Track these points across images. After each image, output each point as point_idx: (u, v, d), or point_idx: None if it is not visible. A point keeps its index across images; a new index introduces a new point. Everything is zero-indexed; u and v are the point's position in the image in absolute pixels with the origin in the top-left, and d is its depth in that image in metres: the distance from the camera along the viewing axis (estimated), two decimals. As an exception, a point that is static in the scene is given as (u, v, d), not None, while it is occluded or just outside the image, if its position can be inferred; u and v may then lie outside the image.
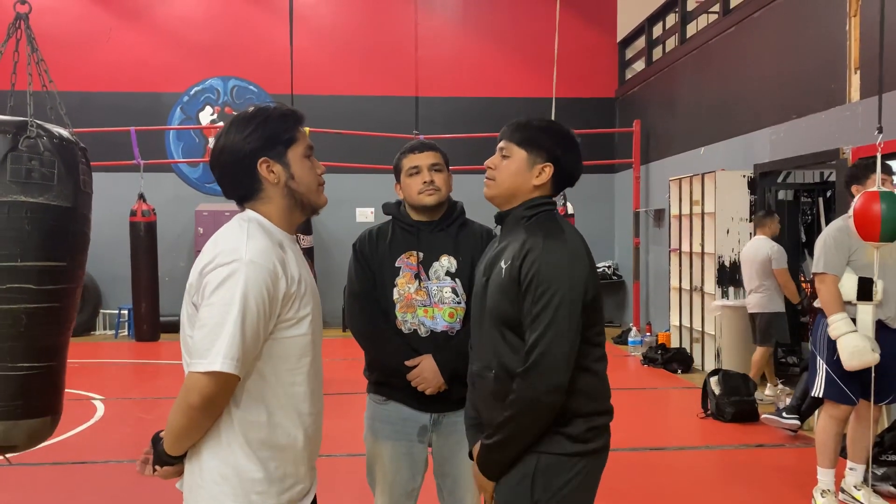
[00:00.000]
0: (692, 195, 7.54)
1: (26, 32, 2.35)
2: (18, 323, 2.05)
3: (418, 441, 2.38)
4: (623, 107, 10.76)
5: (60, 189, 2.12)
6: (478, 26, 10.92)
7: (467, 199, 2.61)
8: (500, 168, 1.91)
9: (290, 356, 1.63)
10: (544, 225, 1.84)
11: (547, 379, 1.72)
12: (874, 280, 3.43)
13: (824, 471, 3.69)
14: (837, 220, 3.70)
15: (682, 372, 7.36)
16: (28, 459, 4.42)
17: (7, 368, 2.07)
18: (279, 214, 1.68)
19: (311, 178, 1.69)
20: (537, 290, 1.74)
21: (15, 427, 2.11)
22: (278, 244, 1.63)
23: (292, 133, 1.67)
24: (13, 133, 2.08)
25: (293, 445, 1.65)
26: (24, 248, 2.06)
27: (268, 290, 1.55)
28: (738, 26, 7.29)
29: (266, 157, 1.64)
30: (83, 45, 10.31)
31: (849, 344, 3.41)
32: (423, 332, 2.35)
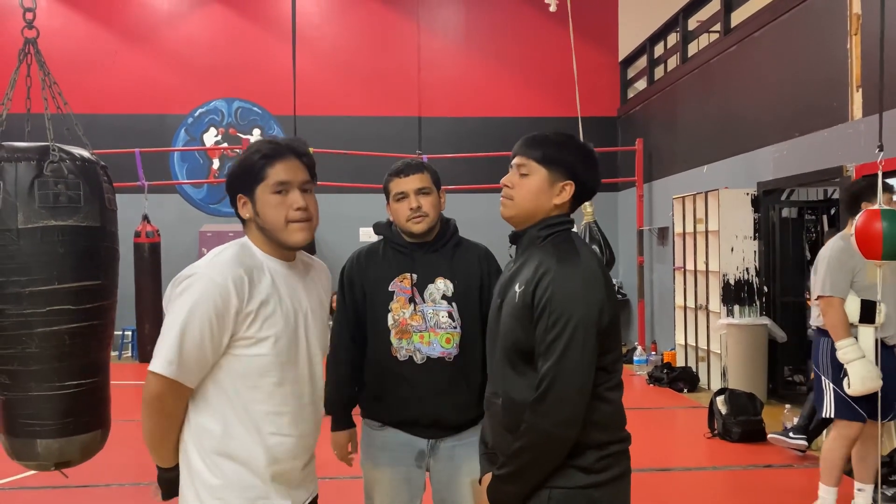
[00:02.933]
0: (696, 213, 7.54)
1: (36, 57, 2.38)
2: (62, 343, 2.12)
3: (416, 466, 2.34)
4: (625, 125, 10.80)
5: (88, 209, 2.18)
6: (480, 47, 10.99)
7: (470, 219, 2.60)
8: (519, 187, 1.81)
9: (250, 374, 1.69)
10: (560, 247, 1.76)
11: (559, 412, 1.65)
12: (877, 302, 3.44)
13: (828, 489, 3.68)
14: (837, 240, 3.68)
15: (688, 391, 7.31)
16: (31, 483, 4.39)
17: (56, 388, 2.15)
18: (262, 243, 1.77)
19: (275, 216, 1.73)
20: (550, 318, 1.67)
21: (69, 443, 2.21)
22: (254, 267, 1.71)
23: (261, 171, 1.72)
24: (37, 159, 2.13)
25: (252, 460, 1.70)
26: (60, 270, 2.12)
27: (215, 305, 1.63)
28: (740, 45, 7.32)
29: (241, 194, 1.76)
30: (88, 68, 10.39)
31: (860, 370, 3.43)
32: (420, 358, 2.29)
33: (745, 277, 6.97)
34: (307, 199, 1.77)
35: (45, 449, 2.17)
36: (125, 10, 10.70)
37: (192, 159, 10.81)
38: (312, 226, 1.79)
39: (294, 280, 1.80)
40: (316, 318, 1.84)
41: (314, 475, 1.90)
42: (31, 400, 2.14)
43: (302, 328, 1.78)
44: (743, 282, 6.98)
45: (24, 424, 2.16)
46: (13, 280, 2.09)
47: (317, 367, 1.84)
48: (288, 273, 1.79)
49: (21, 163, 2.11)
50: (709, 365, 7.41)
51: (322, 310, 1.89)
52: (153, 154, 9.98)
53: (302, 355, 1.78)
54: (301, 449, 1.79)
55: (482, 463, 1.93)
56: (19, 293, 2.10)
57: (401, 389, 2.30)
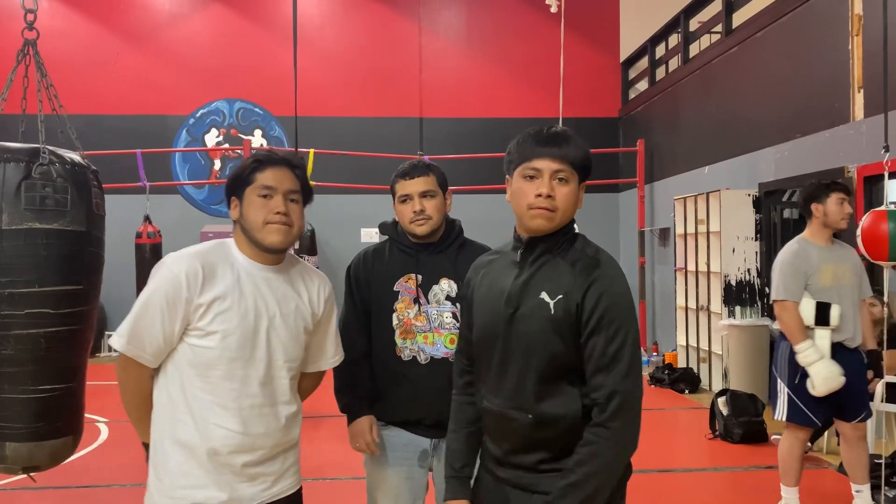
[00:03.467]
0: (697, 214, 7.54)
1: (35, 58, 2.37)
2: (38, 346, 2.10)
3: (419, 466, 2.34)
4: (627, 126, 10.79)
5: (74, 214, 2.15)
6: (482, 48, 11.00)
7: (471, 219, 2.59)
8: (563, 196, 1.65)
9: (199, 364, 1.80)
10: (590, 251, 1.68)
11: (632, 429, 1.58)
12: (831, 305, 3.49)
13: (789, 489, 3.75)
14: (792, 244, 3.70)
15: (690, 392, 7.31)
16: (32, 484, 4.39)
17: (29, 391, 2.12)
18: (243, 244, 1.88)
19: (255, 217, 1.83)
20: (611, 328, 1.58)
21: (38, 448, 2.16)
22: (219, 264, 1.82)
23: (251, 174, 1.85)
24: (26, 161, 2.12)
25: (194, 446, 1.80)
26: (42, 273, 2.10)
27: (167, 292, 1.77)
28: (741, 46, 7.32)
29: (234, 196, 1.88)
30: (90, 69, 10.41)
31: (822, 370, 3.47)
32: (423, 358, 2.30)
33: (747, 278, 6.97)
34: (291, 207, 1.85)
35: (14, 452, 2.15)
36: (127, 11, 10.71)
37: (194, 160, 10.82)
38: (292, 231, 1.85)
39: (268, 284, 1.86)
40: (286, 326, 1.87)
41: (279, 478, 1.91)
42: (2, 402, 2.12)
43: (263, 331, 1.83)
44: (744, 283, 6.98)
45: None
46: None
47: (278, 373, 1.86)
48: (262, 276, 1.86)
49: (10, 163, 2.10)
50: (710, 366, 7.41)
51: (300, 319, 1.90)
52: (155, 155, 9.99)
53: (259, 357, 1.83)
54: (248, 447, 1.82)
55: (453, 486, 1.84)
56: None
57: (404, 389, 2.30)
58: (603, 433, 1.58)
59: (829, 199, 3.61)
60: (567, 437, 1.64)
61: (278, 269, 1.91)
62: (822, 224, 3.64)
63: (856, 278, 3.66)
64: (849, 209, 3.62)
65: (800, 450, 3.72)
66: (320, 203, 11.36)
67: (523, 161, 1.68)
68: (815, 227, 3.67)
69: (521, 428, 1.69)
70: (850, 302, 3.61)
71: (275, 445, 1.88)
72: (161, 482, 1.83)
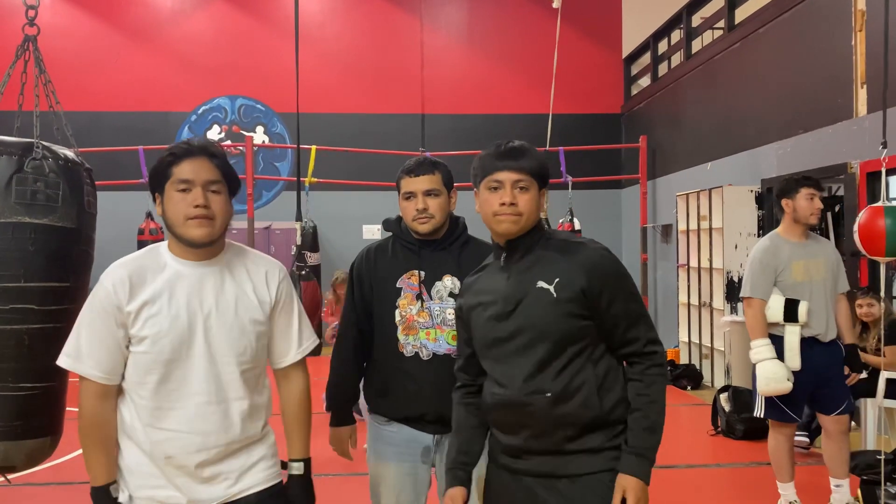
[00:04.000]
0: (699, 210, 7.53)
1: (34, 55, 2.37)
2: (21, 343, 2.06)
3: (422, 462, 2.35)
4: (629, 123, 10.77)
5: (65, 210, 2.13)
6: (483, 44, 10.99)
7: (472, 216, 2.57)
8: (525, 202, 1.84)
9: (137, 371, 1.79)
10: (570, 238, 1.93)
11: (665, 363, 1.90)
12: (799, 301, 3.52)
13: (784, 485, 3.77)
14: (764, 240, 3.71)
15: (692, 388, 7.30)
16: (29, 480, 4.40)
17: (8, 389, 2.08)
18: (173, 244, 1.84)
19: (174, 212, 1.78)
20: (623, 292, 1.83)
21: (15, 447, 2.12)
22: (148, 269, 1.80)
23: (167, 169, 1.79)
24: (19, 155, 2.09)
25: (148, 451, 1.80)
26: (28, 268, 2.07)
27: (101, 303, 1.77)
28: (744, 42, 7.30)
29: (157, 193, 1.83)
30: (92, 66, 10.42)
31: (766, 370, 3.52)
32: (426, 354, 2.30)
33: (749, 275, 6.95)
34: (212, 199, 1.78)
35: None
36: (129, 8, 10.72)
37: (196, 157, 10.82)
38: (214, 224, 1.79)
39: (202, 280, 1.81)
40: (226, 319, 1.82)
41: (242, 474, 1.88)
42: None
43: (200, 328, 1.79)
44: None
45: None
46: None
47: (224, 368, 1.82)
48: (195, 272, 1.82)
49: (2, 156, 2.07)
50: (712, 362, 7.40)
51: (243, 310, 1.85)
52: (157, 151, 9.90)
53: (197, 354, 1.78)
54: (198, 447, 1.79)
55: (452, 475, 1.94)
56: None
57: (406, 385, 2.31)
58: (657, 371, 1.84)
59: (799, 195, 3.61)
60: (585, 409, 1.79)
61: (213, 262, 1.85)
62: (793, 219, 3.65)
63: (829, 273, 3.65)
64: (819, 204, 3.62)
65: (787, 445, 3.73)
66: (322, 199, 11.38)
67: (486, 174, 1.87)
68: (787, 223, 3.68)
69: (539, 410, 1.78)
70: (823, 297, 3.60)
71: (231, 443, 1.83)
72: (125, 481, 1.83)
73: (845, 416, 3.71)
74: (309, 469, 1.95)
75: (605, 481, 1.78)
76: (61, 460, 4.78)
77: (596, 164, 10.18)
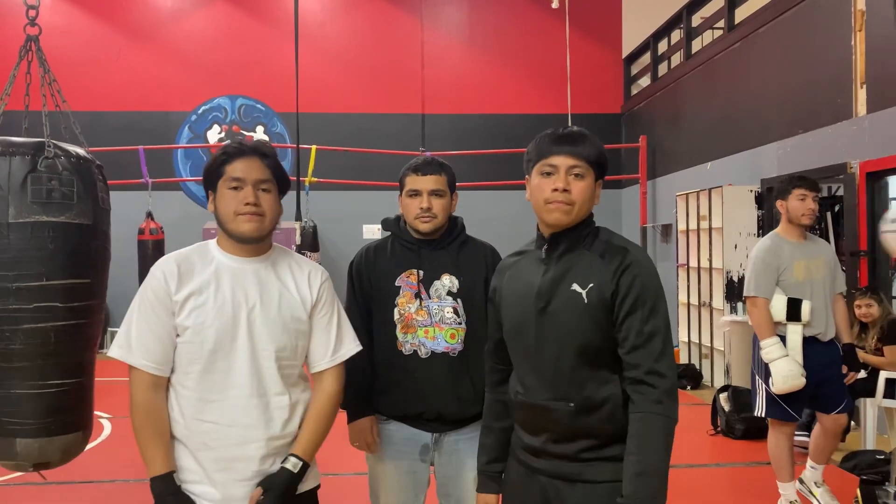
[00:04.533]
0: (699, 210, 7.53)
1: (37, 54, 2.37)
2: (47, 341, 2.08)
3: (420, 460, 2.35)
4: (629, 122, 10.78)
5: (80, 207, 2.15)
6: (484, 44, 10.99)
7: (473, 216, 2.59)
8: (579, 191, 1.72)
9: (181, 360, 1.83)
10: (616, 240, 1.77)
11: (676, 403, 1.68)
12: (802, 301, 3.54)
13: (784, 485, 3.79)
14: (765, 240, 3.75)
15: (692, 388, 7.31)
16: (37, 479, 4.41)
17: (38, 387, 2.11)
18: (223, 239, 1.91)
19: (225, 208, 1.85)
20: (645, 307, 1.68)
21: (49, 444, 2.15)
22: (196, 262, 1.87)
23: (220, 167, 1.87)
24: (32, 154, 2.11)
25: (182, 438, 1.84)
26: (49, 267, 2.09)
27: (154, 290, 1.83)
28: (744, 42, 7.31)
29: (210, 190, 1.90)
30: (93, 66, 10.42)
31: (782, 369, 3.52)
32: (424, 353, 2.31)
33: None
34: (262, 197, 1.86)
35: (25, 448, 2.13)
36: (129, 7, 10.72)
37: (196, 156, 10.83)
38: (264, 221, 1.86)
39: (248, 275, 1.87)
40: (269, 314, 1.85)
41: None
42: (12, 398, 2.10)
43: (244, 321, 1.83)
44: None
45: (4, 423, 2.11)
46: (1, 274, 2.06)
47: (265, 363, 1.84)
48: (242, 268, 1.87)
49: (16, 157, 2.09)
50: (712, 362, 7.41)
51: (286, 308, 1.88)
52: (157, 151, 10.01)
53: (240, 346, 1.82)
54: (240, 439, 1.81)
55: (482, 481, 1.95)
56: (6, 288, 2.06)
57: (405, 383, 2.31)
58: (654, 409, 1.65)
59: (791, 195, 3.66)
60: (608, 423, 1.71)
61: (260, 259, 1.90)
62: (787, 220, 3.70)
63: (828, 273, 3.70)
64: (811, 205, 3.64)
65: (787, 445, 3.74)
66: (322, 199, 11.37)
67: (540, 159, 1.76)
68: (784, 223, 3.73)
69: (561, 418, 1.74)
70: (823, 296, 3.65)
71: (271, 438, 1.84)
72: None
73: (843, 414, 3.75)
74: (302, 475, 1.90)
75: (620, 491, 1.72)
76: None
77: (596, 164, 10.17)
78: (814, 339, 3.64)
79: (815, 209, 3.66)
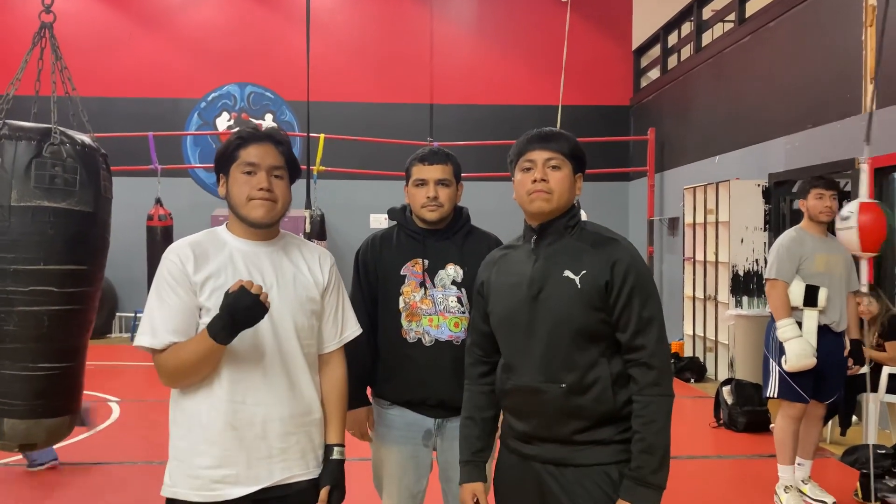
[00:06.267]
0: (706, 204, 7.53)
1: (50, 41, 2.40)
2: (40, 325, 2.10)
3: (423, 445, 2.39)
4: (638, 115, 10.76)
5: (82, 195, 2.17)
6: (493, 35, 10.97)
7: (480, 207, 2.61)
8: (557, 180, 1.86)
9: None
10: (604, 231, 1.89)
11: (672, 375, 1.81)
12: (819, 287, 3.73)
13: (784, 468, 3.89)
14: (790, 231, 3.96)
15: (695, 381, 7.33)
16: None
17: (29, 369, 2.13)
18: (234, 225, 1.92)
19: (239, 192, 1.86)
20: (642, 295, 1.79)
21: (36, 426, 2.17)
22: (210, 246, 1.87)
23: (235, 151, 1.88)
24: (37, 140, 2.14)
25: (200, 422, 1.81)
26: (48, 251, 2.11)
27: (169, 271, 1.81)
28: (754, 35, 7.28)
29: (222, 174, 1.91)
30: (103, 52, 10.46)
31: (796, 347, 3.69)
32: (428, 341, 2.34)
33: (755, 269, 6.97)
34: (275, 183, 1.87)
35: (11, 429, 2.15)
36: (139, -7, 10.74)
37: (205, 143, 10.87)
38: (276, 206, 1.88)
39: (262, 258, 1.89)
40: (286, 294, 1.88)
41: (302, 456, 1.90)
42: (2, 378, 2.12)
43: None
44: (752, 273, 6.98)
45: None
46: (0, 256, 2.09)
47: (287, 343, 1.86)
48: (255, 251, 1.89)
49: (21, 141, 2.12)
50: (716, 355, 7.42)
51: (301, 288, 1.91)
52: (166, 138, 10.04)
53: (262, 327, 1.80)
54: (265, 419, 1.82)
55: (468, 470, 1.97)
56: (4, 270, 2.09)
57: (409, 370, 2.35)
58: (657, 391, 1.77)
59: (810, 195, 3.87)
60: (598, 404, 1.80)
61: (272, 243, 1.93)
62: (808, 217, 3.91)
63: (846, 270, 3.87)
64: (828, 203, 3.83)
65: (794, 427, 3.84)
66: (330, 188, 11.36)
67: (520, 156, 1.91)
68: (806, 220, 3.94)
69: (553, 399, 1.81)
70: (839, 289, 3.82)
71: (293, 416, 1.86)
72: (181, 462, 1.82)
73: (825, 403, 3.95)
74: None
75: (611, 473, 1.80)
76: (75, 440, 4.86)
77: (604, 156, 10.17)
78: (826, 328, 3.78)
79: (832, 207, 3.83)
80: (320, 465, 1.94)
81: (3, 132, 2.13)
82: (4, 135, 2.13)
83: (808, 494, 3.92)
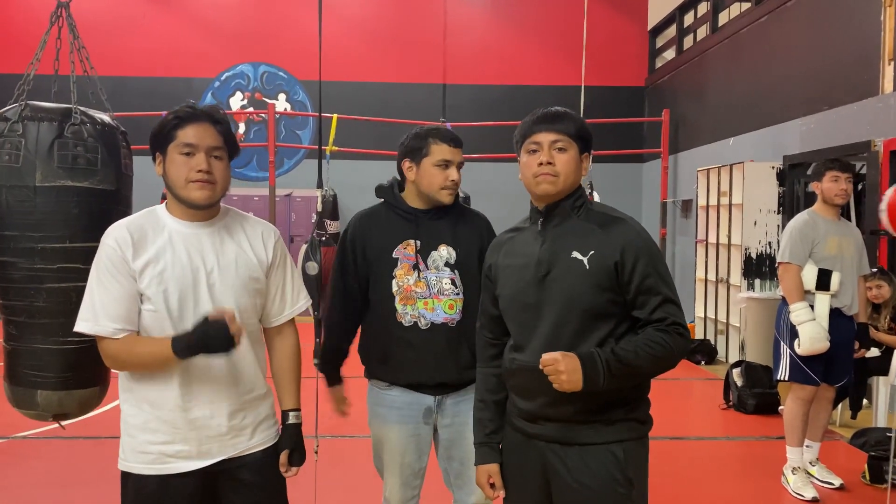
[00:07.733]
0: (720, 186, 7.49)
1: (67, 21, 2.42)
2: (69, 300, 2.16)
3: (424, 423, 2.39)
4: (652, 96, 10.68)
5: (104, 173, 2.23)
6: (506, 14, 10.89)
7: (493, 188, 2.62)
8: (563, 162, 1.85)
9: (148, 327, 1.84)
10: (609, 211, 1.89)
11: (687, 344, 1.83)
12: (832, 272, 3.72)
13: (793, 449, 3.91)
14: (803, 214, 3.93)
15: (706, 363, 7.34)
16: (64, 433, 4.56)
17: (60, 343, 2.22)
18: (172, 205, 1.89)
19: (177, 174, 1.83)
20: (657, 273, 1.80)
21: (68, 396, 2.27)
22: (149, 229, 1.85)
23: (172, 131, 1.83)
24: (59, 120, 2.19)
25: (151, 403, 1.85)
26: (73, 230, 2.19)
27: (109, 257, 1.81)
28: (771, 16, 7.19)
29: (158, 152, 1.86)
30: (117, 31, 10.48)
31: (809, 330, 3.68)
32: (424, 324, 2.33)
33: (767, 252, 6.95)
34: (214, 164, 1.84)
35: (45, 400, 2.25)
36: (153, -28, 10.73)
37: (219, 123, 10.89)
38: (216, 188, 1.85)
39: (202, 239, 1.87)
40: (227, 276, 1.87)
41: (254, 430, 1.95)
42: (35, 352, 2.22)
43: (203, 285, 1.84)
44: (764, 256, 6.96)
45: (27, 375, 2.24)
46: (27, 235, 2.16)
47: None
48: (195, 233, 1.87)
49: (43, 122, 2.17)
50: (727, 338, 7.42)
51: (243, 268, 1.90)
52: (180, 117, 10.06)
53: (204, 310, 1.81)
54: (212, 399, 1.86)
55: (483, 452, 1.99)
56: (32, 248, 2.16)
57: (406, 354, 2.34)
58: (678, 339, 1.80)
59: (825, 177, 3.83)
60: None
61: (212, 223, 1.90)
62: (822, 200, 3.87)
63: (857, 253, 3.86)
64: (843, 185, 3.79)
65: (803, 410, 3.85)
66: (342, 168, 11.36)
67: (525, 138, 1.90)
68: (820, 203, 3.90)
69: None
70: (851, 273, 3.81)
71: (241, 394, 1.90)
72: (133, 438, 1.87)
73: (834, 386, 3.94)
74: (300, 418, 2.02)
75: (616, 452, 1.81)
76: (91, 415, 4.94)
77: (618, 138, 10.12)
78: (838, 311, 3.78)
79: (847, 189, 3.81)
80: (277, 433, 2.00)
81: (26, 113, 2.18)
82: (27, 116, 2.18)
83: (816, 476, 3.95)
